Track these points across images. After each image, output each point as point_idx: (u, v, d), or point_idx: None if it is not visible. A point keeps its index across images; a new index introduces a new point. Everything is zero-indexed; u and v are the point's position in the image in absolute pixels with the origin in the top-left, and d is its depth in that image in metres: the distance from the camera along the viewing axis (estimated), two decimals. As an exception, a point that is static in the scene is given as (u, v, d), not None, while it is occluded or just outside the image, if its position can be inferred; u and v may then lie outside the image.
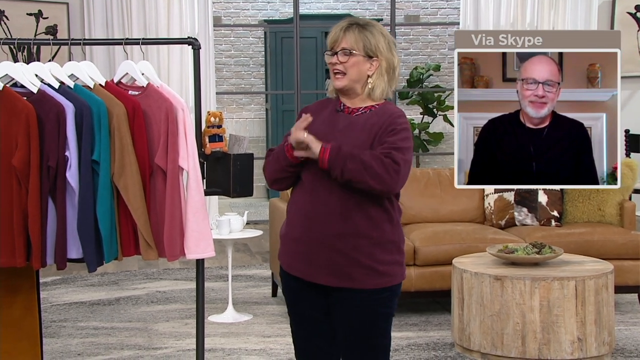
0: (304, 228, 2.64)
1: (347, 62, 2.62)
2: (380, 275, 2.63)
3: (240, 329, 4.90)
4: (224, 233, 5.10)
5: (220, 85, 10.89)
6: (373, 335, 2.68)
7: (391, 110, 2.68)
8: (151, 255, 3.02)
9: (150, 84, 3.09)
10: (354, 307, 2.64)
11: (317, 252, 2.62)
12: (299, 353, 2.79)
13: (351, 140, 2.60)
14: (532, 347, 4.18)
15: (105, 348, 4.55)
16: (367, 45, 2.63)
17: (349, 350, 2.70)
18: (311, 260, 2.63)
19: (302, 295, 2.71)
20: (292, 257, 2.69)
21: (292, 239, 2.68)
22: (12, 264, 2.87)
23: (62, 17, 7.25)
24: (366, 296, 2.63)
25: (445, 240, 5.05)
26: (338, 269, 2.61)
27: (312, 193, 2.62)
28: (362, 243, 2.60)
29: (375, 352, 2.70)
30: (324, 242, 2.61)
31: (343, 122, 2.65)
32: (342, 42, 2.63)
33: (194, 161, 3.06)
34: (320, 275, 2.63)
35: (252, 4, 11.42)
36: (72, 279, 6.13)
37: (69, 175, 2.90)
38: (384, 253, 2.63)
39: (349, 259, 2.60)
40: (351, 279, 2.61)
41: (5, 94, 2.88)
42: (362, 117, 2.65)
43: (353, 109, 2.68)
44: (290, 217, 2.70)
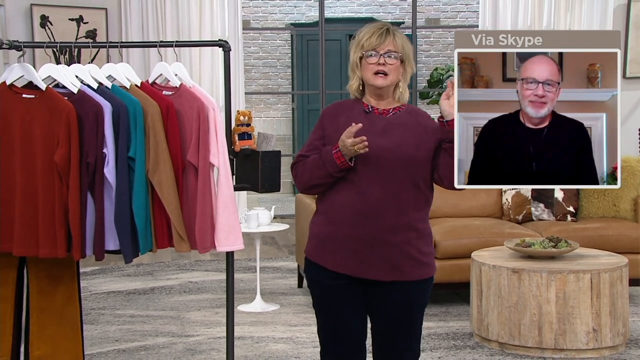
0: (354, 226, 2.59)
1: (393, 64, 2.62)
2: (423, 266, 2.64)
3: (268, 318, 4.91)
4: (252, 227, 5.11)
5: (249, 86, 10.91)
6: (411, 325, 2.69)
7: (418, 110, 2.73)
8: (184, 248, 3.03)
9: (183, 84, 3.10)
10: (399, 299, 2.64)
11: (369, 248, 2.59)
12: (327, 345, 2.73)
13: (394, 139, 2.60)
14: (549, 337, 4.15)
15: (141, 335, 4.58)
16: (404, 50, 2.65)
17: (386, 340, 2.69)
18: (362, 257, 2.60)
19: (340, 291, 2.65)
20: (340, 255, 2.62)
21: (339, 238, 2.62)
22: (54, 255, 2.89)
23: (101, 22, 7.30)
24: (410, 288, 2.63)
25: (465, 234, 5.02)
26: (390, 263, 2.60)
27: (361, 191, 2.58)
28: (411, 236, 2.61)
29: (411, 341, 2.70)
30: (377, 238, 2.58)
31: (381, 123, 2.64)
32: (390, 44, 2.62)
33: (224, 158, 3.06)
34: (371, 271, 2.61)
35: (280, 8, 11.43)
36: (109, 270, 6.18)
37: (106, 171, 2.91)
38: (425, 245, 2.66)
39: (401, 251, 2.60)
40: (401, 272, 2.61)
41: (48, 94, 2.90)
42: (397, 118, 2.66)
43: (383, 110, 2.67)
44: (333, 216, 2.63)
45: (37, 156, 2.87)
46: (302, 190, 2.73)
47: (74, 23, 7.13)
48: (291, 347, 4.34)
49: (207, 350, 4.30)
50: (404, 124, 2.64)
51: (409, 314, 2.68)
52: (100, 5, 7.32)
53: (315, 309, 2.75)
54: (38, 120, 2.87)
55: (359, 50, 2.65)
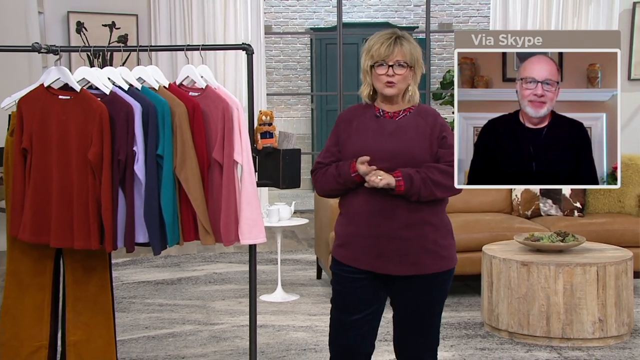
0: (371, 225, 2.59)
1: (402, 74, 2.60)
2: (442, 258, 2.63)
3: (288, 307, 4.91)
4: (273, 221, 5.11)
5: (270, 87, 10.92)
6: (431, 316, 2.68)
7: (427, 110, 2.69)
8: (209, 241, 3.04)
9: (209, 85, 3.10)
10: (419, 291, 2.63)
11: (385, 244, 2.59)
12: (338, 334, 2.71)
13: (404, 142, 2.59)
14: (556, 327, 4.12)
15: (169, 322, 4.60)
16: (412, 57, 2.62)
17: (407, 330, 2.69)
18: (380, 254, 2.60)
19: (361, 286, 2.64)
20: (359, 252, 2.62)
21: (358, 236, 2.62)
22: (88, 247, 2.91)
23: (132, 27, 7.34)
24: (430, 280, 2.62)
25: (476, 228, 5.00)
26: (406, 258, 2.59)
27: (375, 192, 2.57)
28: (427, 230, 2.60)
29: (431, 331, 2.70)
30: (392, 235, 2.58)
31: (390, 127, 2.63)
32: (398, 54, 2.59)
33: (247, 155, 3.06)
34: (389, 266, 2.60)
35: (300, 13, 11.42)
36: (139, 261, 6.21)
37: (136, 168, 2.92)
38: (443, 238, 2.64)
39: (417, 246, 2.58)
40: (418, 266, 2.60)
41: (82, 95, 2.92)
42: (407, 120, 2.64)
43: (393, 113, 2.66)
44: (352, 217, 2.64)
45: (72, 154, 2.89)
46: (321, 195, 2.75)
47: (107, 29, 7.18)
48: (310, 335, 4.34)
49: (231, 338, 4.31)
50: (413, 125, 2.63)
51: (429, 306, 2.67)
52: (131, 12, 7.36)
53: (332, 301, 2.74)
54: (73, 120, 2.89)
55: (369, 59, 2.63)
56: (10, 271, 3.01)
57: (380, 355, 3.82)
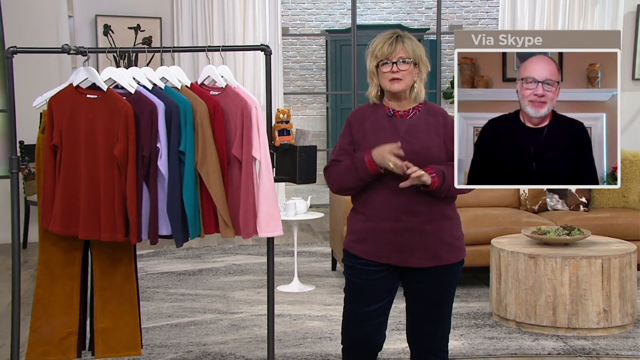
0: (393, 220, 2.58)
1: (406, 69, 2.59)
2: (457, 249, 2.64)
3: (305, 297, 4.92)
4: (290, 215, 5.12)
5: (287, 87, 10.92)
6: (443, 304, 2.68)
7: (436, 108, 2.69)
8: (229, 233, 3.04)
9: (229, 85, 3.11)
10: (434, 281, 2.63)
11: (409, 239, 2.58)
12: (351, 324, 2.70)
13: (419, 142, 2.58)
14: (562, 317, 4.10)
15: (191, 311, 4.62)
16: (415, 55, 2.61)
17: (420, 318, 2.70)
18: (403, 247, 2.59)
19: (378, 278, 2.63)
20: (381, 247, 2.60)
21: (380, 232, 2.60)
22: (114, 239, 2.92)
23: (155, 29, 7.37)
24: (444, 270, 2.63)
25: (485, 222, 4.98)
26: (429, 251, 2.59)
27: (395, 190, 2.56)
28: (444, 223, 2.61)
29: (443, 319, 2.70)
30: (415, 229, 2.57)
31: (404, 126, 2.62)
32: (400, 52, 2.59)
33: (265, 152, 3.06)
34: (411, 259, 2.60)
35: (316, 16, 11.41)
36: (162, 252, 6.24)
37: (160, 164, 2.92)
38: (456, 230, 2.66)
39: (437, 238, 2.59)
40: (439, 258, 2.60)
41: (109, 94, 2.93)
42: (418, 119, 2.63)
43: (403, 112, 2.65)
44: (371, 213, 2.61)
45: (99, 150, 2.90)
46: (335, 192, 2.73)
47: (132, 31, 7.21)
48: (325, 324, 4.35)
49: (249, 326, 4.32)
50: (425, 125, 2.62)
51: (442, 295, 2.67)
52: (155, 15, 7.39)
53: (346, 292, 2.71)
54: (100, 118, 2.90)
55: (374, 59, 2.63)
56: (42, 261, 3.03)
57: (392, 343, 3.82)
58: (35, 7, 6.70)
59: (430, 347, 2.71)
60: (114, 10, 7.29)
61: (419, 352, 2.73)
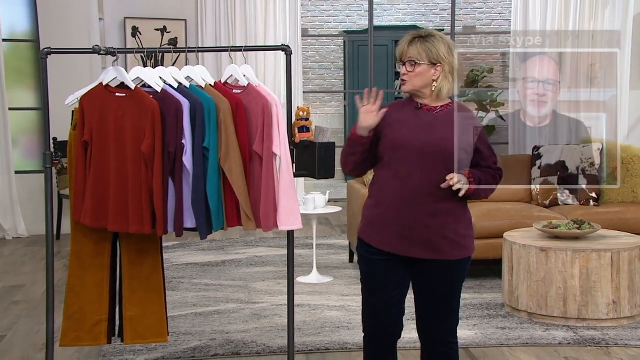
0: (398, 210, 2.57)
1: (413, 71, 2.58)
2: (461, 247, 2.60)
3: (323, 288, 4.92)
4: (309, 209, 5.12)
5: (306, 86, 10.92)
6: (449, 299, 2.65)
7: (467, 111, 2.66)
8: (250, 227, 3.04)
9: (251, 84, 3.10)
10: (438, 275, 2.61)
11: (410, 229, 2.56)
12: (373, 316, 2.71)
13: (437, 134, 2.56)
14: (573, 308, 4.07)
15: (214, 301, 4.64)
16: (430, 55, 2.57)
17: (428, 311, 2.68)
18: (405, 237, 2.57)
19: (385, 267, 2.62)
20: (385, 235, 2.60)
21: (385, 220, 2.59)
22: (141, 231, 2.94)
23: (181, 31, 7.40)
24: (449, 266, 2.60)
25: (497, 217, 4.95)
26: (430, 244, 2.57)
27: (406, 179, 2.55)
28: (449, 220, 2.57)
29: (449, 312, 2.67)
30: (417, 221, 2.56)
31: (427, 118, 2.60)
32: (408, 54, 2.58)
33: (285, 148, 3.05)
34: (413, 250, 2.58)
35: (334, 17, 11.39)
36: (187, 245, 6.27)
37: (185, 160, 2.93)
38: (464, 229, 2.61)
39: (439, 234, 2.56)
40: (440, 252, 2.58)
41: (137, 93, 2.94)
42: (444, 115, 2.60)
43: (432, 106, 2.63)
44: (381, 200, 2.61)
45: (127, 146, 2.91)
46: (345, 171, 2.73)
47: (159, 32, 7.24)
48: (343, 314, 4.34)
49: (270, 316, 4.33)
50: (449, 121, 2.59)
51: (447, 289, 2.64)
52: (181, 17, 7.42)
53: (362, 282, 2.72)
54: (128, 116, 2.91)
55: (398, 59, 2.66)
56: (74, 252, 3.05)
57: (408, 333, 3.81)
58: (68, 10, 6.76)
59: (439, 339, 2.68)
60: (141, 12, 7.32)
61: (428, 344, 2.72)
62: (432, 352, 2.70)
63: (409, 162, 2.55)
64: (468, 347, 3.78)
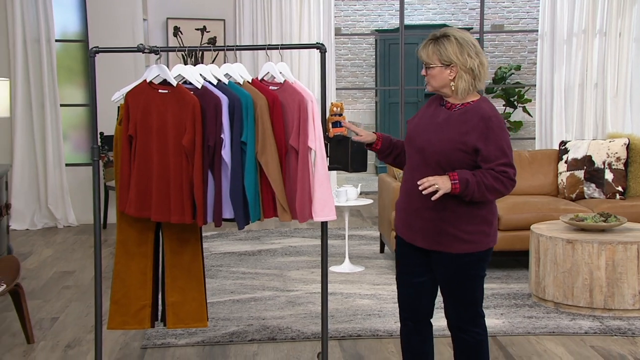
0: (407, 200, 2.62)
1: (428, 73, 2.57)
2: (464, 242, 2.54)
3: (355, 277, 4.91)
4: (342, 201, 5.11)
5: (339, 82, 10.90)
6: (462, 292, 2.61)
7: (482, 110, 2.51)
8: (286, 218, 3.04)
9: (286, 80, 3.10)
10: (445, 266, 2.59)
11: (414, 219, 2.59)
12: (401, 298, 2.75)
13: (441, 134, 2.52)
14: (599, 298, 3.99)
15: (251, 288, 4.67)
16: (441, 56, 2.52)
17: (445, 300, 2.67)
18: (411, 226, 2.61)
19: (409, 253, 2.68)
20: (399, 223, 2.69)
21: (399, 209, 2.69)
22: (182, 221, 2.95)
23: (220, 30, 7.43)
24: (454, 259, 2.56)
25: (525, 209, 4.88)
26: (429, 235, 2.57)
27: (414, 171, 2.59)
28: (446, 215, 2.53)
29: (463, 304, 2.63)
30: (419, 212, 2.57)
31: (443, 116, 2.58)
32: (422, 57, 2.57)
33: (320, 142, 3.04)
34: (417, 239, 2.61)
35: (366, 17, 11.34)
36: (225, 234, 6.31)
37: (223, 153, 2.93)
38: (469, 224, 2.53)
39: (437, 227, 2.55)
40: (440, 244, 2.55)
41: (178, 89, 2.96)
42: (458, 113, 2.55)
43: (452, 104, 2.59)
44: (401, 190, 2.70)
45: (169, 140, 2.93)
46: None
47: (199, 32, 7.29)
48: (375, 302, 4.33)
49: (304, 303, 4.34)
50: (459, 120, 2.51)
51: (456, 282, 2.59)
52: (219, 17, 7.45)
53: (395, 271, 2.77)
54: (170, 111, 2.93)
55: None
56: (120, 240, 3.09)
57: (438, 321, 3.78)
58: (114, 12, 6.86)
59: (459, 327, 2.65)
60: (182, 13, 7.38)
61: (451, 329, 2.70)
62: (455, 337, 2.69)
63: (415, 157, 2.59)
64: (495, 335, 3.74)
